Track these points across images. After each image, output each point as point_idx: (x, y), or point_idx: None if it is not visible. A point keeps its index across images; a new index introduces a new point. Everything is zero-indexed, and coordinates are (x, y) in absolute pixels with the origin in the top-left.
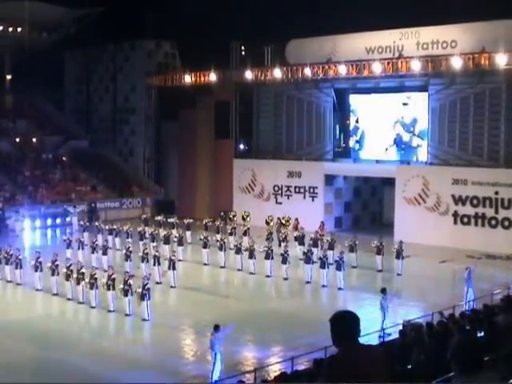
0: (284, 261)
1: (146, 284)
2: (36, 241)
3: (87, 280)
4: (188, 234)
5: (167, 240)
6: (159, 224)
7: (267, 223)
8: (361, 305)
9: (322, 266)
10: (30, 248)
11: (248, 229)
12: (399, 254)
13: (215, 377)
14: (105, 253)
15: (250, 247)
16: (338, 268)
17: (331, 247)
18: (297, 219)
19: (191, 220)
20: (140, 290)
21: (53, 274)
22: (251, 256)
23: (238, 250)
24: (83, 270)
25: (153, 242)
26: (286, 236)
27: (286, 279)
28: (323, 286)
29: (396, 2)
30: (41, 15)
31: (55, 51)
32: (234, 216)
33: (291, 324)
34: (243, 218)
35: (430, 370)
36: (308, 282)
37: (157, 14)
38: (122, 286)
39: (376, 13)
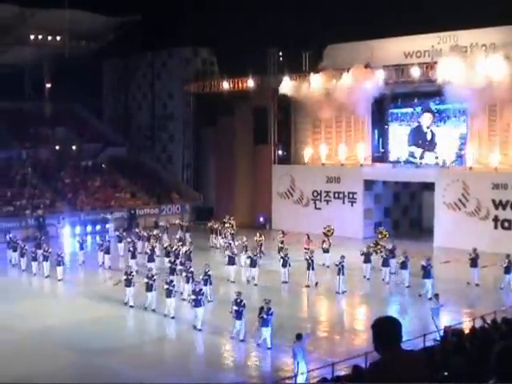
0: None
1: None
2: (76, 247)
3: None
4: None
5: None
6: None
7: (325, 235)
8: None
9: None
10: (71, 253)
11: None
12: (475, 262)
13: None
14: (151, 259)
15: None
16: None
17: (393, 254)
18: (308, 235)
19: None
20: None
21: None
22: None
23: (285, 263)
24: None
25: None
26: (329, 244)
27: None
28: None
29: (433, 5)
30: (80, 24)
31: (94, 59)
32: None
33: (332, 330)
34: (326, 235)
35: (470, 376)
36: (340, 292)
37: (194, 22)
38: (168, 289)
39: (413, 17)
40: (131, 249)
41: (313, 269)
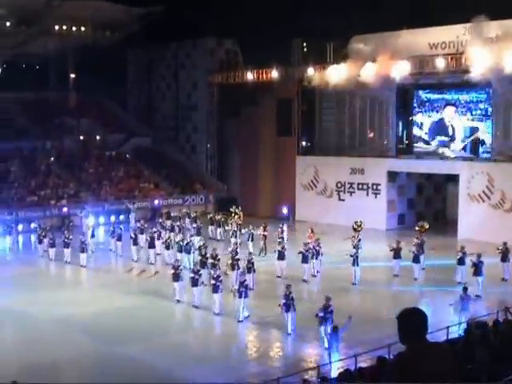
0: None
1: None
2: (100, 237)
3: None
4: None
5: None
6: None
7: (355, 229)
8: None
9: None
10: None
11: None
12: (506, 257)
13: (333, 374)
14: (187, 251)
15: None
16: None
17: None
18: (311, 228)
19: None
20: (236, 288)
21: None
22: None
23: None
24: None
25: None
26: (359, 240)
27: (354, 284)
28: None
29: None
30: (104, 14)
31: (118, 50)
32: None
33: (354, 321)
34: (355, 230)
35: (494, 368)
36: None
37: (218, 12)
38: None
39: (439, 8)
40: (157, 239)
41: (306, 262)
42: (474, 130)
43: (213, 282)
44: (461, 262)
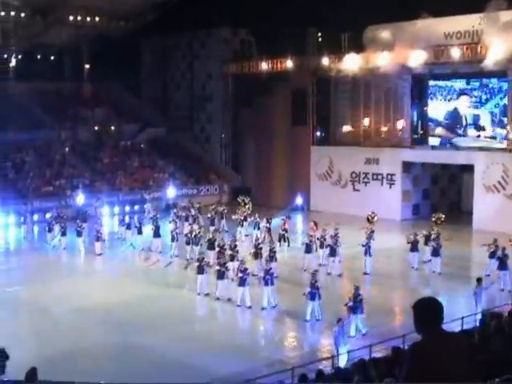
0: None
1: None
2: (115, 227)
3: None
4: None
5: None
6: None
7: (369, 221)
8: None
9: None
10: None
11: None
12: None
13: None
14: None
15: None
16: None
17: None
18: (288, 217)
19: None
20: (262, 276)
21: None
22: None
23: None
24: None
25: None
26: (372, 231)
27: (366, 274)
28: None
29: None
30: (118, 4)
31: (132, 40)
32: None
33: (368, 311)
34: (369, 221)
35: (510, 359)
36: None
37: (233, 1)
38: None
39: None
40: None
41: (308, 252)
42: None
43: (240, 275)
44: (492, 255)
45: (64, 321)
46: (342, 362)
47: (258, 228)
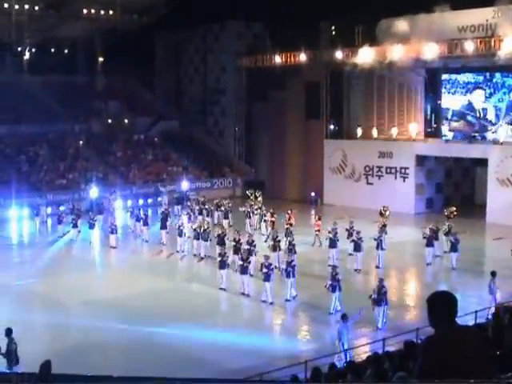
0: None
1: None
2: (128, 220)
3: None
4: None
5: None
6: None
7: (381, 214)
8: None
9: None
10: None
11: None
12: None
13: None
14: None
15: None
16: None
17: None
18: (291, 210)
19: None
20: (284, 267)
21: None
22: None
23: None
24: None
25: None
26: (385, 225)
27: (377, 267)
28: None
29: None
30: None
31: (146, 33)
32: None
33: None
34: (382, 215)
35: None
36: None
37: None
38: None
39: None
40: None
41: (333, 247)
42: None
43: (265, 270)
44: None
45: (76, 313)
46: (343, 358)
47: (265, 220)
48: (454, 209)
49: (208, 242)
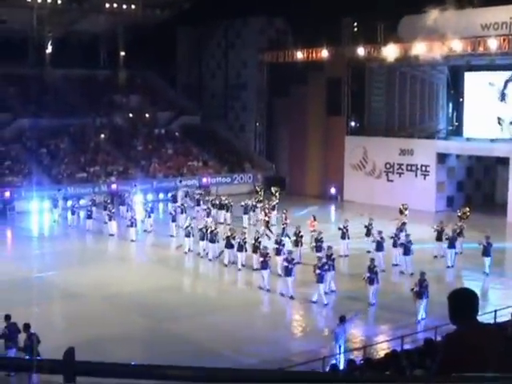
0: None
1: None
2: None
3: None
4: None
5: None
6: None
7: (401, 212)
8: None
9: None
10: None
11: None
12: None
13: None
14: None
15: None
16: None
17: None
18: (313, 216)
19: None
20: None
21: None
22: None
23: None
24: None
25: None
26: (404, 223)
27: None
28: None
29: None
30: None
31: (168, 28)
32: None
33: (400, 303)
34: (401, 212)
35: None
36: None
37: None
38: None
39: None
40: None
41: (379, 250)
42: None
43: (285, 264)
44: None
45: (95, 306)
46: (342, 361)
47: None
48: (468, 209)
49: (216, 243)
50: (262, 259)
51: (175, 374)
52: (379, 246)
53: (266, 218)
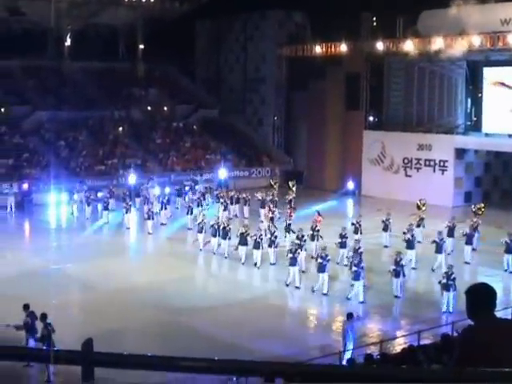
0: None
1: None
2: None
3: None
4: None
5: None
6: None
7: (418, 207)
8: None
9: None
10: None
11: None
12: None
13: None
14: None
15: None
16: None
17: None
18: (318, 211)
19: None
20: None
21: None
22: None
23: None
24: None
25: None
26: (422, 219)
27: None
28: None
29: None
30: None
31: (186, 21)
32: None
33: (417, 298)
34: (419, 208)
35: None
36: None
37: None
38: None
39: None
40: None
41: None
42: None
43: (320, 260)
44: None
45: (111, 298)
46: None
47: (275, 206)
48: (482, 205)
49: (227, 240)
50: (290, 255)
51: (190, 365)
52: (410, 245)
53: (271, 214)
